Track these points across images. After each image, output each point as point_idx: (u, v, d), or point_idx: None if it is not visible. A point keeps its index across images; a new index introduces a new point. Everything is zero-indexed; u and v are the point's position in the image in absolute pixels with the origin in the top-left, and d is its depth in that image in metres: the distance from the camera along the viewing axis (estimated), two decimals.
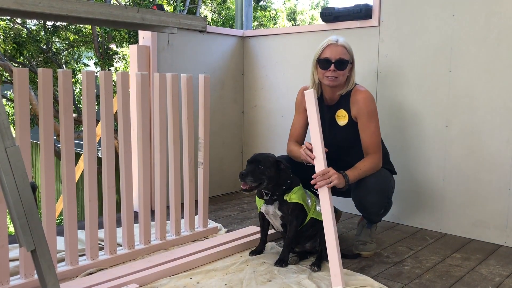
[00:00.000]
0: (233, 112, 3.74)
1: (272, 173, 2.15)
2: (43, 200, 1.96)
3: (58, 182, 9.66)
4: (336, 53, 2.29)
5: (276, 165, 2.17)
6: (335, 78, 2.30)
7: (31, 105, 7.06)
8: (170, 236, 2.49)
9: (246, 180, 2.11)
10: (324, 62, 2.30)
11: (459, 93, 2.68)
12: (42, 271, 1.14)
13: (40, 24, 9.27)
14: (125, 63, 9.24)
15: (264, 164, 2.14)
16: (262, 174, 2.13)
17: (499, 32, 2.53)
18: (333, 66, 2.28)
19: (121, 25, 1.32)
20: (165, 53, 3.17)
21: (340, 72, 2.29)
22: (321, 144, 2.15)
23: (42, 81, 1.89)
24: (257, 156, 2.19)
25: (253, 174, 2.12)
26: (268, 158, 2.17)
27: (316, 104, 2.18)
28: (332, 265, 2.01)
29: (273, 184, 2.17)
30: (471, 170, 2.67)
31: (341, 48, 2.30)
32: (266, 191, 2.21)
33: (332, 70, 2.28)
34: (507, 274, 2.19)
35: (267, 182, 2.15)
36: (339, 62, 2.28)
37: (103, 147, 2.14)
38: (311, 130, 2.19)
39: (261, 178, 2.13)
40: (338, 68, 2.28)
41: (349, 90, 2.37)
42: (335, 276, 2.00)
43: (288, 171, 2.21)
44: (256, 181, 2.12)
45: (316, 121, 2.17)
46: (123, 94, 2.19)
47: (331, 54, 2.29)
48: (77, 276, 2.02)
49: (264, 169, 2.13)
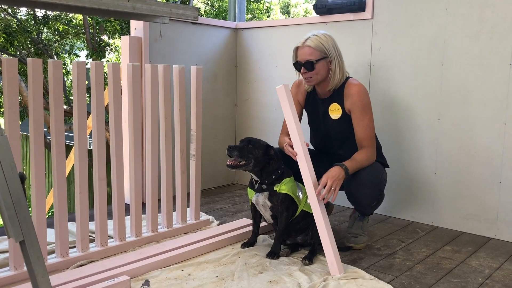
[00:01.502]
0: (226, 105, 3.73)
1: (260, 155, 2.15)
2: (33, 192, 1.94)
3: (49, 174, 9.59)
4: (303, 55, 2.31)
5: (266, 149, 2.18)
6: (310, 79, 2.33)
7: (22, 97, 6.99)
8: (162, 229, 2.48)
9: (233, 153, 2.12)
10: (297, 65, 2.35)
11: (452, 86, 2.69)
12: (31, 262, 1.12)
13: (30, 14, 9.16)
14: (117, 55, 9.16)
15: (254, 144, 2.16)
16: (249, 153, 2.14)
17: (492, 26, 2.53)
18: (303, 69, 2.31)
19: (112, 14, 1.30)
20: (157, 45, 3.15)
21: (311, 73, 2.31)
22: (301, 139, 2.11)
23: (32, 71, 1.86)
24: (250, 137, 2.22)
25: (241, 150, 2.13)
26: (260, 141, 2.19)
27: (289, 99, 2.14)
28: (328, 253, 2.02)
29: (260, 167, 2.17)
30: (463, 163, 2.68)
31: (307, 49, 2.29)
32: (255, 177, 2.21)
33: (303, 72, 2.32)
34: (496, 266, 2.21)
35: (253, 164, 2.15)
36: (306, 63, 2.30)
37: (94, 138, 2.13)
38: (288, 127, 2.14)
39: (248, 157, 2.14)
40: (308, 69, 2.30)
41: (342, 83, 2.36)
42: (332, 264, 2.01)
43: (278, 160, 2.21)
44: (243, 157, 2.13)
45: (291, 117, 2.11)
46: (114, 85, 2.16)
47: (299, 57, 2.33)
48: (67, 268, 2.01)
49: (252, 149, 2.14)
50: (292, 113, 2.12)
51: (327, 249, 2.03)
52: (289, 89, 2.15)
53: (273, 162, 2.19)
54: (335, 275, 1.98)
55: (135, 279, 1.94)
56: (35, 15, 9.13)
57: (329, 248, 2.02)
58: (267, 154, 2.17)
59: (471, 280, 2.05)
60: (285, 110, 2.14)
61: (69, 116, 8.26)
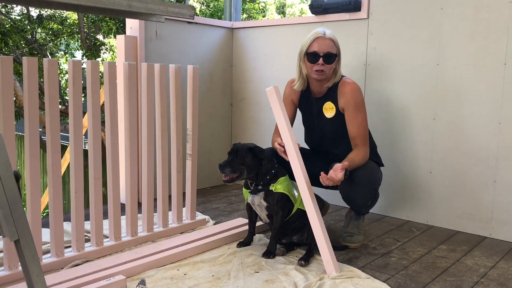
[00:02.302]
0: (222, 104, 3.72)
1: (250, 161, 2.14)
2: (28, 192, 1.93)
3: (43, 174, 9.54)
4: (325, 46, 2.27)
5: (252, 152, 2.16)
6: (323, 72, 2.29)
7: (16, 96, 6.95)
8: (158, 228, 2.47)
9: (225, 171, 2.12)
10: (312, 55, 2.28)
11: (447, 86, 2.70)
12: (26, 261, 1.12)
13: (24, 14, 9.12)
14: (112, 54, 9.13)
15: (241, 154, 2.14)
16: (240, 164, 2.13)
17: (486, 26, 2.54)
18: (322, 60, 2.26)
19: (108, 12, 1.29)
20: (153, 44, 3.14)
21: (328, 66, 2.28)
22: (292, 141, 2.11)
23: (27, 69, 1.86)
24: (235, 146, 2.19)
25: (231, 165, 2.12)
26: (245, 147, 2.16)
27: (280, 100, 2.13)
28: (323, 252, 2.02)
29: (254, 173, 2.17)
30: (458, 163, 2.69)
31: (329, 41, 2.28)
32: (250, 181, 2.21)
33: (321, 64, 2.27)
34: (491, 265, 2.22)
35: (247, 172, 2.15)
36: (327, 56, 2.27)
37: (90, 137, 2.12)
38: (280, 128, 2.15)
39: (240, 168, 2.13)
40: (326, 62, 2.27)
41: (336, 82, 2.36)
42: (327, 263, 2.01)
43: (271, 160, 2.20)
44: (236, 171, 2.13)
45: (282, 118, 2.12)
46: (110, 84, 2.16)
47: (319, 48, 2.27)
48: (62, 268, 2.00)
49: (241, 159, 2.13)
50: (283, 114, 2.12)
51: (322, 247, 2.03)
52: (279, 91, 2.16)
53: (265, 163, 2.18)
54: (331, 274, 1.99)
55: (131, 278, 1.93)
56: (29, 15, 9.09)
57: (325, 247, 2.02)
58: (256, 157, 2.16)
59: (466, 278, 2.06)
60: (275, 112, 2.15)
61: (64, 116, 8.23)
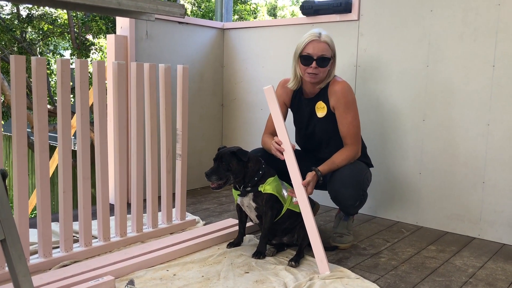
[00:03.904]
0: (213, 105, 3.71)
1: (235, 166, 2.13)
2: (15, 192, 1.90)
3: (32, 175, 9.45)
4: (318, 49, 2.25)
5: (236, 157, 2.14)
6: (316, 75, 2.27)
7: (4, 96, 6.88)
8: (147, 229, 2.46)
9: (212, 179, 2.11)
10: (306, 58, 2.26)
11: (436, 87, 2.72)
12: (13, 261, 1.10)
13: (14, 14, 9.03)
14: (101, 55, 9.07)
15: (225, 159, 2.12)
16: (226, 170, 2.12)
17: (475, 28, 2.56)
18: (315, 63, 2.25)
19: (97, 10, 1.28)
20: (143, 44, 3.12)
21: (321, 69, 2.27)
22: (288, 139, 2.14)
23: (15, 68, 1.83)
24: (219, 152, 2.17)
25: (217, 172, 2.12)
26: (229, 152, 2.14)
27: (276, 99, 2.15)
28: (316, 251, 2.02)
29: (241, 177, 2.16)
30: (447, 164, 2.71)
31: (324, 45, 2.27)
32: (238, 184, 2.20)
33: (314, 67, 2.25)
34: (480, 265, 2.23)
35: (233, 177, 2.14)
36: (321, 59, 2.25)
37: (79, 136, 2.10)
38: (276, 127, 2.17)
39: (226, 175, 2.12)
40: (320, 65, 2.25)
41: (328, 82, 2.36)
42: (321, 262, 2.02)
43: (257, 161, 2.19)
44: (222, 178, 2.12)
45: (279, 116, 2.14)
46: (99, 84, 2.14)
47: (313, 51, 2.25)
48: (50, 269, 1.98)
49: (226, 165, 2.12)
50: (280, 112, 2.15)
51: (316, 246, 2.04)
52: (274, 90, 2.17)
53: (251, 165, 2.17)
54: (322, 274, 1.99)
55: (120, 279, 1.92)
56: (18, 14, 9.00)
57: (319, 246, 2.03)
58: (240, 160, 2.14)
59: (455, 279, 2.07)
60: (273, 110, 2.16)
61: (53, 117, 8.15)
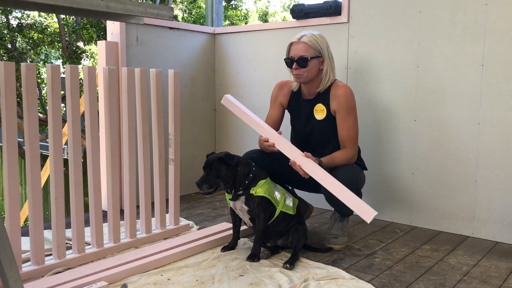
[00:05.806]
0: (205, 110, 3.71)
1: (225, 172, 2.12)
2: (7, 200, 1.89)
3: (23, 185, 9.38)
4: (297, 50, 2.31)
5: (224, 162, 2.13)
6: (301, 75, 2.33)
7: None
8: (141, 234, 2.44)
9: (203, 188, 2.12)
10: (288, 61, 2.36)
11: (427, 88, 2.73)
12: (3, 267, 1.09)
13: (3, 23, 9.00)
14: (92, 61, 9.06)
15: (214, 167, 2.12)
16: (216, 177, 2.12)
17: (463, 28, 2.59)
18: (295, 65, 2.31)
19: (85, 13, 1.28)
20: (134, 50, 3.12)
21: (303, 70, 2.31)
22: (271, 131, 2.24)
23: (3, 74, 1.82)
24: (207, 159, 2.17)
25: (207, 181, 2.12)
26: (217, 159, 2.14)
27: (237, 103, 2.31)
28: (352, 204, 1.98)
29: (231, 182, 2.16)
30: (439, 163, 2.72)
31: (302, 45, 2.31)
32: (229, 190, 2.20)
33: (295, 68, 2.32)
34: (473, 263, 2.24)
35: (223, 183, 2.14)
36: (300, 60, 2.30)
37: (70, 142, 2.09)
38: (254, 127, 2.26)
39: (216, 182, 2.13)
40: (300, 66, 2.31)
41: (328, 84, 2.38)
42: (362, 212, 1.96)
43: (246, 164, 2.18)
44: (213, 186, 2.13)
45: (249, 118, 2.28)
46: (90, 89, 2.13)
47: (293, 52, 2.33)
48: (43, 276, 1.96)
49: (216, 172, 2.12)
50: (247, 114, 2.29)
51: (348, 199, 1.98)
52: (231, 97, 2.35)
53: (240, 168, 2.17)
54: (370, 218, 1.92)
55: (113, 285, 1.90)
56: (8, 23, 8.97)
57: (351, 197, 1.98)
58: (228, 165, 2.14)
59: (450, 277, 2.07)
60: (240, 115, 2.31)
61: (45, 125, 8.12)
